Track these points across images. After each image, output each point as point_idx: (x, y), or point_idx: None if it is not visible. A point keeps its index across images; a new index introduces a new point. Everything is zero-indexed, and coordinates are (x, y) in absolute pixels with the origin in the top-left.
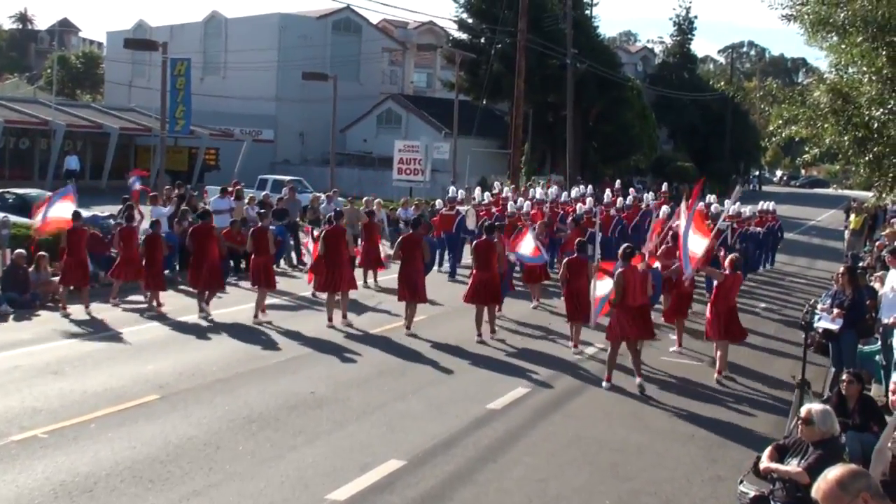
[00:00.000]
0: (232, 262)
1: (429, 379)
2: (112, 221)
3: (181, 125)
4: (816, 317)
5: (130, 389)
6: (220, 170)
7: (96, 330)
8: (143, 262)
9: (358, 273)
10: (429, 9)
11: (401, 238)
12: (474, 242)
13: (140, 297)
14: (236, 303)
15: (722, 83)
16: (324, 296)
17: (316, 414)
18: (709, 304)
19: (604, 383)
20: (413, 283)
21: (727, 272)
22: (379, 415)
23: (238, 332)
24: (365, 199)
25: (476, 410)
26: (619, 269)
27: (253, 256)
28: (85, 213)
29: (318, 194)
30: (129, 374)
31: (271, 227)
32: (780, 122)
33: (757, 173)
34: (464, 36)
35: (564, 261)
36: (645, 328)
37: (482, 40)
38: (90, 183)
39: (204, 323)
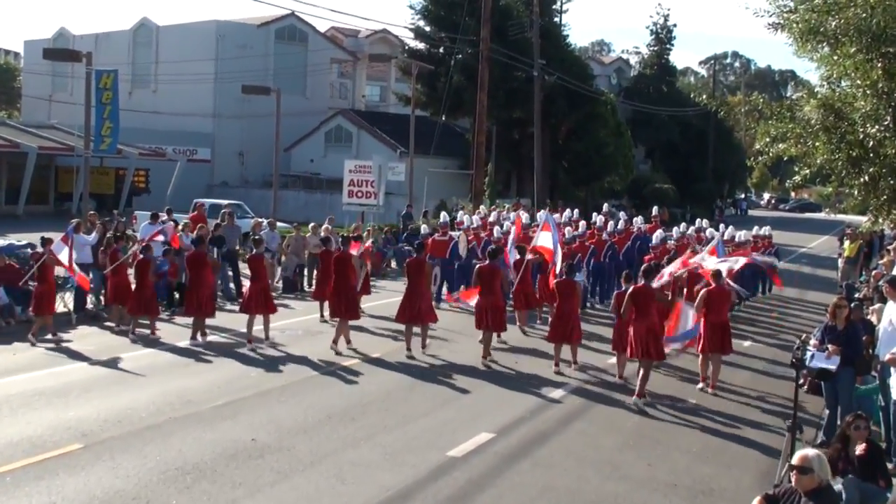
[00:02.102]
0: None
1: (383, 424)
2: (30, 251)
3: (107, 144)
4: (809, 354)
5: (50, 438)
6: (150, 193)
7: (9, 371)
8: (133, 287)
9: (307, 306)
10: (382, 16)
11: (406, 261)
12: (477, 266)
13: (65, 335)
14: (168, 339)
15: (704, 97)
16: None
17: (257, 464)
18: (701, 319)
19: (634, 398)
20: (416, 307)
21: (713, 285)
22: (328, 464)
23: (169, 371)
24: (311, 224)
25: (435, 458)
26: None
27: (250, 283)
28: None
29: (260, 220)
30: (48, 420)
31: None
32: (768, 139)
33: (743, 196)
34: (421, 45)
35: (554, 282)
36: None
37: (441, 50)
38: (6, 208)
39: (127, 366)
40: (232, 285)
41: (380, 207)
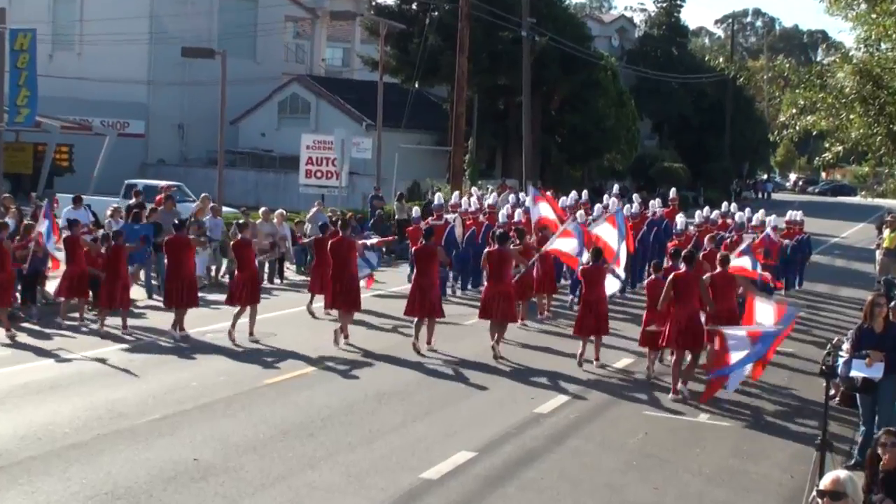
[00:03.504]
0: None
1: (346, 440)
2: None
3: (24, 115)
4: (841, 361)
5: None
6: (74, 172)
7: None
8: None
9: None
10: None
11: (414, 249)
12: (486, 251)
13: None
14: (95, 345)
15: (720, 62)
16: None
17: (199, 487)
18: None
19: (671, 395)
20: (427, 298)
21: (719, 269)
22: (281, 487)
23: (98, 380)
24: (262, 209)
25: (406, 481)
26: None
27: (236, 273)
28: None
29: (207, 195)
30: None
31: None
32: (794, 111)
33: (766, 177)
34: (390, 0)
35: (579, 268)
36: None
37: (414, 6)
38: None
39: (49, 374)
40: (155, 282)
41: (343, 189)
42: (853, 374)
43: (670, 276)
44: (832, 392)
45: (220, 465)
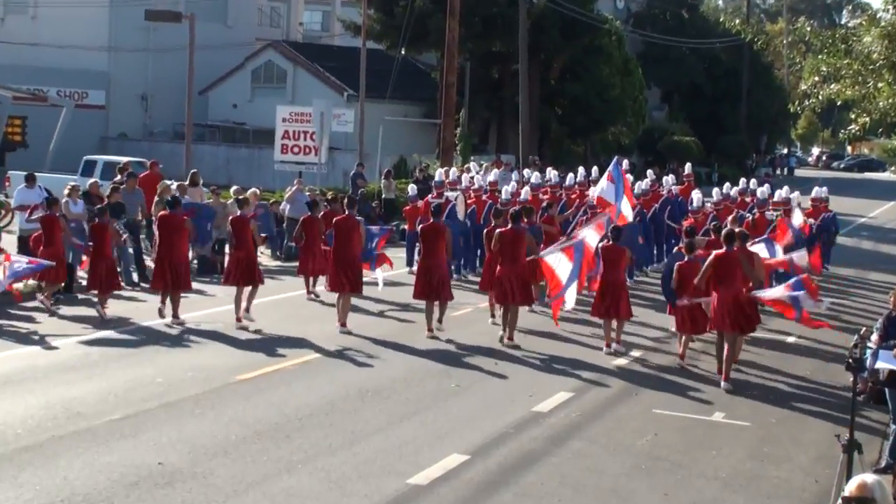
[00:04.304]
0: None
1: (326, 443)
2: None
3: None
4: (869, 353)
5: None
6: (27, 147)
7: None
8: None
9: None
10: None
11: (421, 227)
12: (498, 231)
13: None
14: (52, 336)
15: (736, 24)
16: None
17: (165, 494)
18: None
19: (723, 383)
20: (435, 280)
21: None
22: (255, 494)
23: (53, 375)
24: (234, 188)
25: (393, 487)
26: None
27: (234, 251)
28: None
29: (168, 182)
30: None
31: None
32: (817, 79)
33: (786, 151)
34: None
35: (597, 247)
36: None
37: None
38: None
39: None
40: (133, 268)
41: (322, 166)
42: (879, 365)
43: (711, 256)
44: (860, 387)
45: (187, 470)
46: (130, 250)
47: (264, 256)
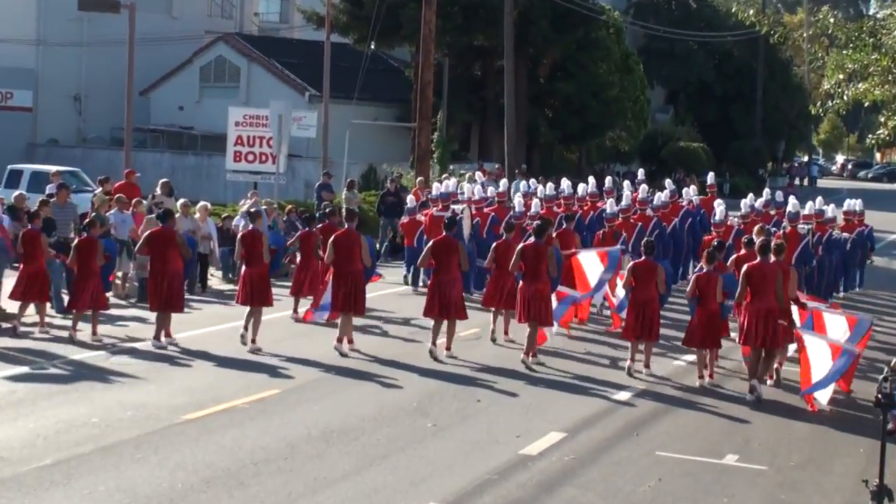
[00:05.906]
0: None
1: (285, 491)
2: None
3: None
4: None
5: None
6: None
7: None
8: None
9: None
10: None
11: (433, 242)
12: (520, 246)
13: None
14: None
15: (750, 15)
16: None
17: None
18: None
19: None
20: (447, 297)
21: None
22: None
23: None
24: (181, 201)
25: None
26: None
27: (245, 267)
28: None
29: (105, 197)
30: None
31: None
32: (842, 76)
33: (806, 158)
34: None
35: (629, 265)
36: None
37: None
38: None
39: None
40: (64, 292)
41: (280, 176)
42: None
43: (744, 268)
44: (891, 426)
45: None
46: (64, 273)
47: (214, 279)
